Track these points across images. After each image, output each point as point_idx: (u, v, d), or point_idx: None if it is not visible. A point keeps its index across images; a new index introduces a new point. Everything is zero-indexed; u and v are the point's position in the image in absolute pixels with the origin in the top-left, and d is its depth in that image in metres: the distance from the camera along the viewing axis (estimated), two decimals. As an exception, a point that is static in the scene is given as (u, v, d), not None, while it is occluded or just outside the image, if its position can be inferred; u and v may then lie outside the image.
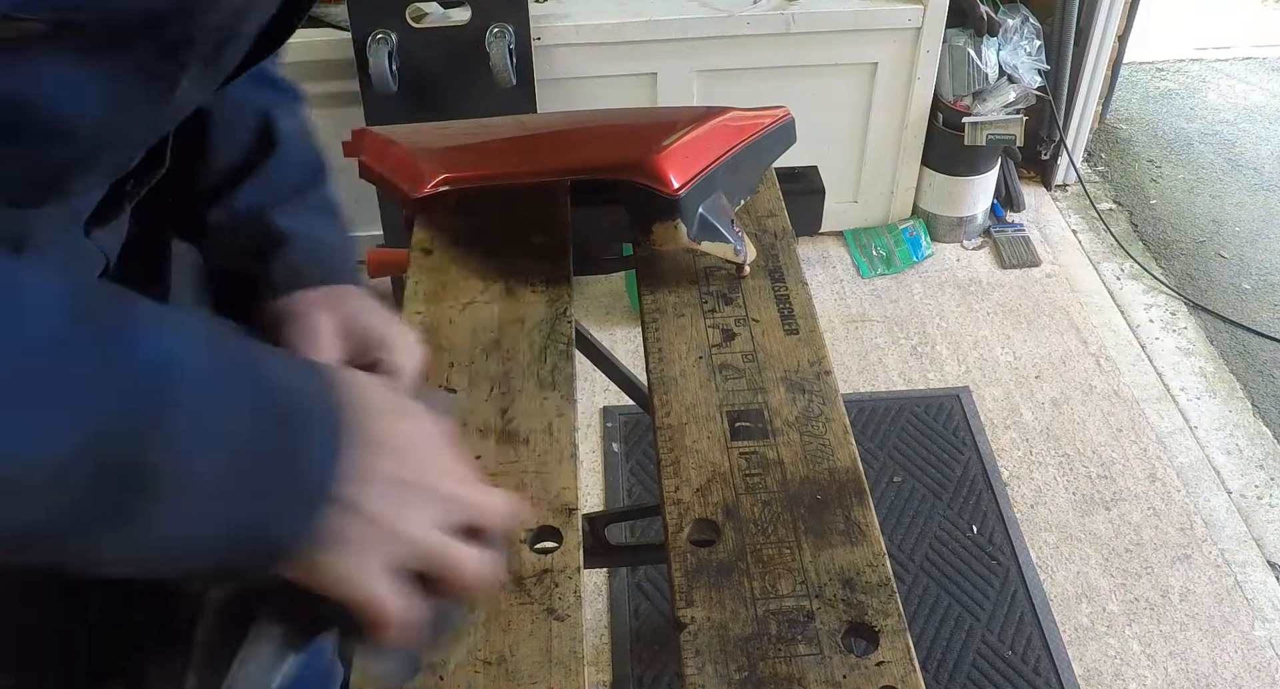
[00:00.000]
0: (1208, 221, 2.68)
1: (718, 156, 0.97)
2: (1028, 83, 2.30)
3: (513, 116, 1.18)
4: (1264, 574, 1.82)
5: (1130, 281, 2.48)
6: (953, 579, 1.79)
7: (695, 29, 2.14)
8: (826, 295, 2.41)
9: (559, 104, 2.13)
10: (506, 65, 1.95)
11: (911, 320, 2.35)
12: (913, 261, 2.51)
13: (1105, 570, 1.82)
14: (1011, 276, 2.48)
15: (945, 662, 1.67)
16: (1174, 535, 1.88)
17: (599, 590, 1.78)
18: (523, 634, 0.69)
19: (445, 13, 2.03)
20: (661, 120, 1.04)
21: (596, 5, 2.16)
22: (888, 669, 0.67)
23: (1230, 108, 3.14)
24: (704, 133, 0.98)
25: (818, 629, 0.70)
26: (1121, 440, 2.06)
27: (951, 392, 2.16)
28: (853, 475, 0.80)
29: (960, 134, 2.34)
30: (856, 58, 2.27)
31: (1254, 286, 2.47)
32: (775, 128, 1.06)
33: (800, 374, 0.89)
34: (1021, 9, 2.34)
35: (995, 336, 2.31)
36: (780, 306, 0.96)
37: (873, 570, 0.73)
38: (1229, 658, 1.69)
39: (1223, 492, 1.96)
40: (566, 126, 1.14)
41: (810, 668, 0.67)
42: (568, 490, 0.78)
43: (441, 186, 1.02)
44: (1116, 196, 2.78)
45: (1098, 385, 2.18)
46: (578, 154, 1.02)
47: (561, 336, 0.91)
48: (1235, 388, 2.20)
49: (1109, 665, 1.68)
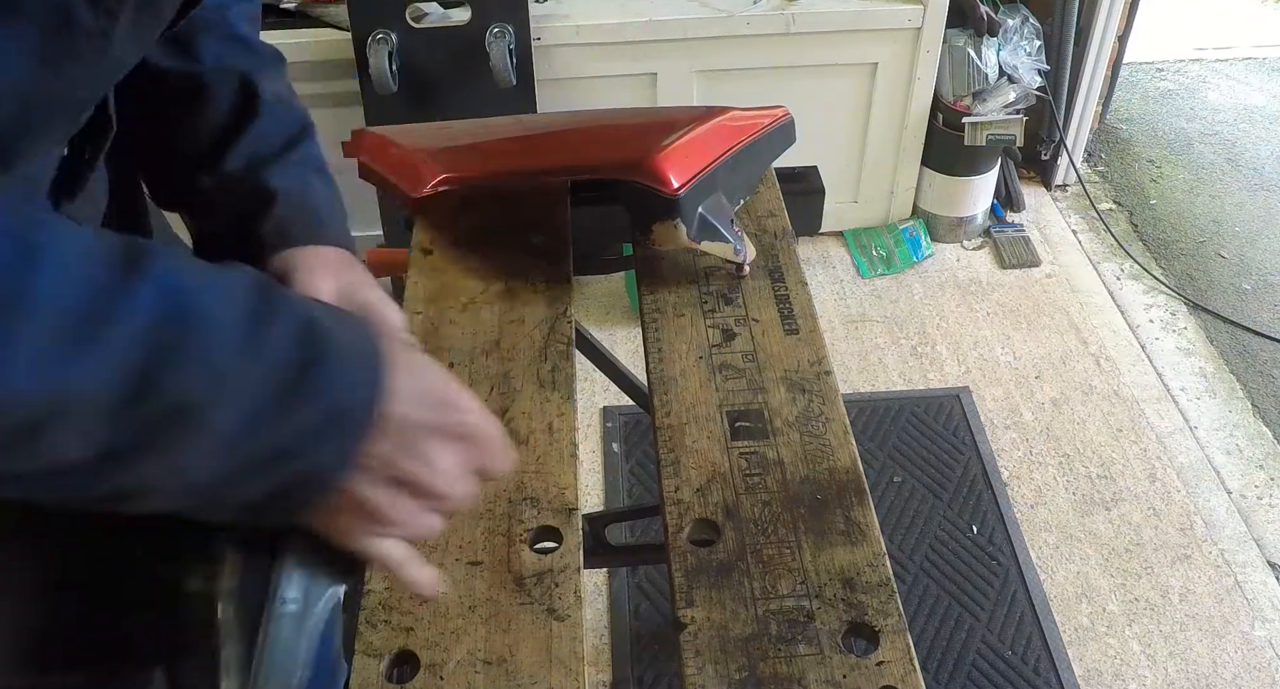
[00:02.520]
0: (1208, 222, 2.68)
1: (717, 156, 0.97)
2: (1028, 83, 2.30)
3: (512, 116, 1.18)
4: (1264, 574, 1.82)
5: (1130, 282, 2.48)
6: (953, 579, 1.79)
7: (695, 29, 2.14)
8: (826, 295, 2.41)
9: (559, 104, 2.13)
10: (506, 65, 1.95)
11: (911, 320, 2.35)
12: (913, 262, 2.51)
13: (1105, 570, 1.82)
14: (1011, 277, 2.48)
15: (945, 662, 1.67)
16: (1174, 535, 1.88)
17: (599, 590, 1.78)
18: (523, 634, 0.69)
19: (445, 13, 2.03)
20: (661, 120, 1.03)
21: (596, 5, 2.16)
22: (888, 669, 0.67)
23: (1230, 108, 3.14)
24: (703, 133, 0.98)
25: (818, 629, 0.70)
26: (1121, 440, 2.06)
27: (951, 392, 2.16)
28: (853, 475, 0.80)
29: (960, 134, 2.34)
30: (856, 58, 2.27)
31: (1254, 287, 2.47)
32: (775, 127, 1.06)
33: (800, 374, 0.89)
34: (1021, 9, 2.34)
35: (995, 337, 2.30)
36: (780, 306, 0.96)
37: (873, 570, 0.73)
38: (1229, 658, 1.69)
39: (1223, 492, 1.96)
40: (565, 126, 1.14)
41: (810, 668, 0.67)
42: (568, 491, 0.78)
43: (441, 186, 1.02)
44: (1116, 197, 2.78)
45: (1098, 385, 2.18)
46: (577, 154, 1.02)
47: (561, 336, 0.91)
48: (1235, 388, 2.20)
49: (1109, 665, 1.68)
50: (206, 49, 0.73)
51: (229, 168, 0.73)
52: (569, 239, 1.03)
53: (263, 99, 0.74)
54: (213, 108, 0.73)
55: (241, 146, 0.73)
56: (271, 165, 0.74)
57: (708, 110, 1.03)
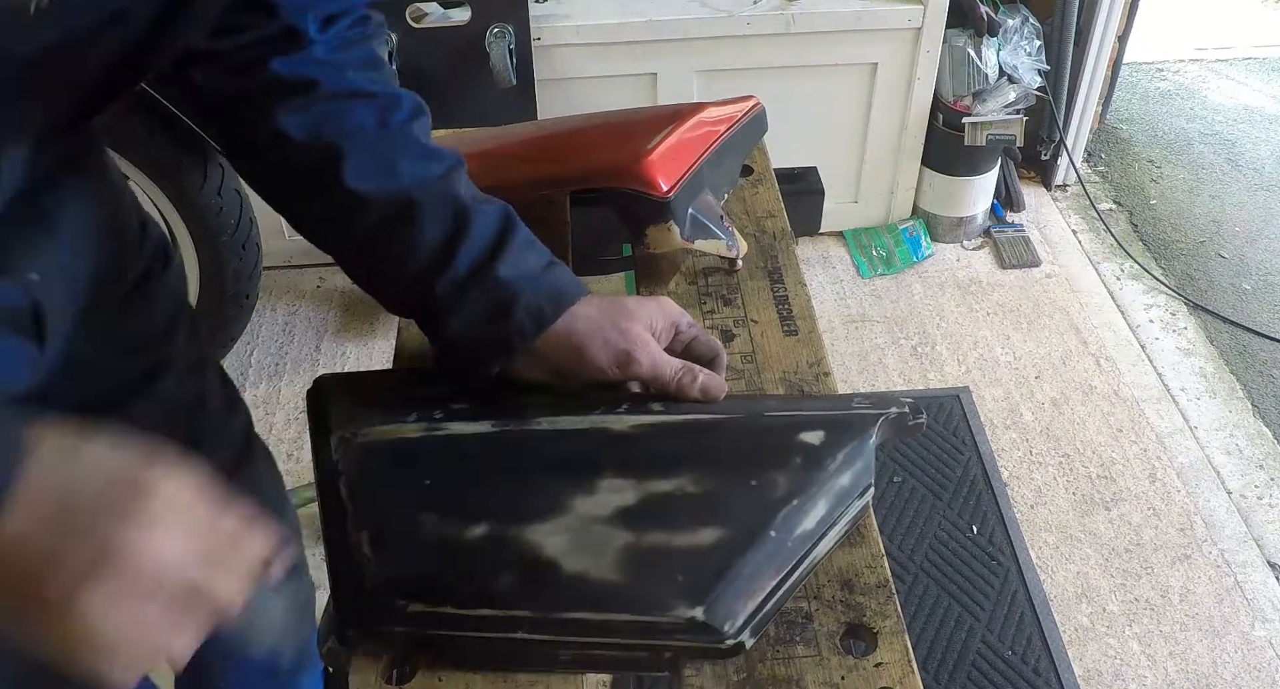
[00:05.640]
0: (1208, 221, 2.68)
1: (700, 154, 0.97)
2: (1028, 83, 2.31)
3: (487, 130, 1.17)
4: (1264, 574, 1.82)
5: (1130, 282, 2.48)
6: (953, 579, 1.79)
7: (695, 29, 2.14)
8: (826, 296, 2.41)
9: (559, 104, 2.13)
10: (506, 65, 1.95)
11: (911, 321, 2.35)
12: (913, 262, 2.51)
13: (1105, 570, 1.82)
14: (1011, 277, 2.48)
15: (945, 662, 1.67)
16: (1174, 536, 1.88)
17: (599, 591, 1.78)
18: (521, 635, 0.69)
19: (445, 13, 2.03)
20: (639, 122, 1.03)
21: (596, 5, 2.16)
22: (886, 670, 0.67)
23: (1230, 108, 3.14)
24: (685, 132, 0.98)
25: (816, 631, 0.70)
26: (1121, 440, 2.06)
27: (951, 392, 2.16)
28: (851, 476, 0.80)
29: (960, 134, 2.34)
30: (856, 58, 2.27)
31: (1254, 287, 2.47)
32: (750, 119, 1.06)
33: (799, 375, 0.89)
34: (1021, 9, 2.34)
35: (995, 337, 2.31)
36: (779, 307, 0.96)
37: (871, 572, 0.73)
38: (1229, 658, 1.69)
39: (1223, 492, 1.96)
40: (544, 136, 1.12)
41: (809, 669, 0.67)
42: (567, 491, 0.78)
43: None
44: (1116, 197, 2.78)
45: (1098, 385, 2.18)
46: (563, 166, 1.01)
47: (561, 337, 0.91)
48: (1235, 388, 2.20)
49: (1109, 666, 1.68)
50: (405, 169, 0.76)
51: (460, 271, 0.75)
52: (568, 240, 1.03)
53: (470, 206, 0.76)
54: (429, 223, 0.75)
55: (463, 252, 0.75)
56: (500, 257, 0.75)
57: (688, 108, 1.02)
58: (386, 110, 0.77)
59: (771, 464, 0.72)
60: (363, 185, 0.74)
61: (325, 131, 0.75)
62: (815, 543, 0.69)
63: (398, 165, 0.76)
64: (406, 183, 0.75)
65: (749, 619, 0.64)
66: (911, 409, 0.77)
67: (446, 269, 0.75)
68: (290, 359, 2.24)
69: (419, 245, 0.75)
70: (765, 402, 0.83)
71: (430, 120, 0.80)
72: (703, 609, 0.63)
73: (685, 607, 0.64)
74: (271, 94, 0.74)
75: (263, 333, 2.30)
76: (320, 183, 0.75)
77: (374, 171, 0.75)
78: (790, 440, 0.74)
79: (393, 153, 0.76)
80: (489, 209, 0.77)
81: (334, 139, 0.74)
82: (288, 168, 0.76)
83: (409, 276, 0.76)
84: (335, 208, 0.76)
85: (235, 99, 0.76)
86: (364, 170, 0.75)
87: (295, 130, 0.74)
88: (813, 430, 0.74)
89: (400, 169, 0.75)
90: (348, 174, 0.74)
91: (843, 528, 0.71)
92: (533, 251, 0.78)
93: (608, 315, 0.76)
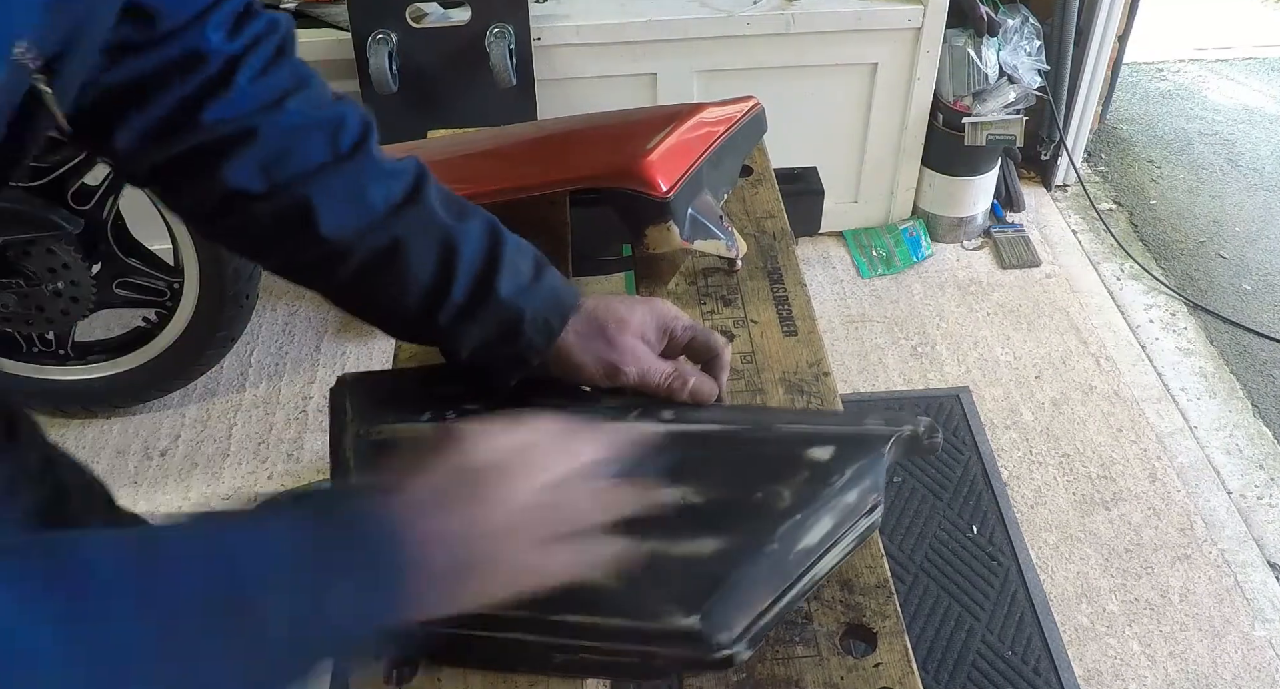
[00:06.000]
0: (1208, 221, 2.68)
1: (699, 154, 0.97)
2: (1028, 83, 2.30)
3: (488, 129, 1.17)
4: (1264, 574, 1.82)
5: (1130, 282, 2.48)
6: (953, 579, 1.79)
7: (695, 29, 2.14)
8: (826, 296, 2.41)
9: (559, 104, 2.13)
10: (506, 65, 1.95)
11: (911, 320, 2.35)
12: (913, 262, 2.51)
13: (1105, 571, 1.82)
14: (1011, 277, 2.48)
15: (945, 662, 1.67)
16: (1174, 536, 1.88)
17: (599, 591, 1.78)
18: (521, 636, 0.69)
19: (445, 13, 2.03)
20: (639, 123, 1.03)
21: (596, 5, 2.16)
22: (885, 671, 0.67)
23: (1230, 108, 3.14)
24: (684, 132, 0.98)
25: (815, 631, 0.70)
26: (1121, 440, 2.06)
27: (951, 392, 2.16)
28: (851, 477, 0.80)
29: (960, 134, 2.34)
30: (856, 58, 2.27)
31: (1254, 287, 2.47)
32: (749, 119, 1.06)
33: (799, 375, 0.89)
34: (1021, 9, 2.34)
35: (995, 337, 2.31)
36: (779, 308, 0.96)
37: (871, 572, 0.73)
38: (1229, 658, 1.69)
39: (1223, 492, 1.96)
40: (544, 138, 1.13)
41: (808, 669, 0.67)
42: (566, 492, 0.78)
43: None
44: (1116, 197, 2.78)
45: (1098, 385, 2.18)
46: (563, 167, 1.01)
47: (560, 338, 0.91)
48: (1235, 388, 2.20)
49: (1109, 666, 1.68)
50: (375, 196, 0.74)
51: (458, 297, 0.74)
52: (568, 240, 1.03)
53: (453, 227, 0.75)
54: (416, 258, 0.74)
55: (458, 280, 0.74)
56: (496, 277, 0.75)
57: (688, 108, 1.02)
58: (337, 134, 0.73)
59: (777, 478, 0.72)
60: (340, 232, 0.72)
61: (282, 176, 0.70)
62: (818, 558, 0.69)
63: (367, 195, 0.73)
64: (382, 212, 0.73)
65: (745, 631, 0.64)
66: (928, 428, 0.77)
67: (445, 299, 0.74)
68: (290, 359, 2.24)
69: (412, 281, 0.74)
70: (779, 415, 0.83)
71: (375, 125, 0.77)
72: (698, 618, 0.63)
73: (680, 615, 0.64)
74: (211, 151, 0.69)
75: (263, 333, 2.30)
76: (292, 233, 0.72)
77: (346, 212, 0.72)
78: (798, 455, 0.74)
79: (358, 183, 0.73)
80: (472, 226, 0.76)
81: (295, 185, 0.71)
82: (253, 223, 0.72)
83: (408, 311, 0.75)
84: (316, 257, 0.73)
85: (171, 163, 0.70)
86: (336, 213, 0.71)
87: (251, 183, 0.70)
88: (823, 446, 0.74)
89: (370, 198, 0.73)
90: (322, 223, 0.71)
91: (848, 545, 0.71)
92: (522, 258, 0.77)
93: (597, 325, 0.76)
